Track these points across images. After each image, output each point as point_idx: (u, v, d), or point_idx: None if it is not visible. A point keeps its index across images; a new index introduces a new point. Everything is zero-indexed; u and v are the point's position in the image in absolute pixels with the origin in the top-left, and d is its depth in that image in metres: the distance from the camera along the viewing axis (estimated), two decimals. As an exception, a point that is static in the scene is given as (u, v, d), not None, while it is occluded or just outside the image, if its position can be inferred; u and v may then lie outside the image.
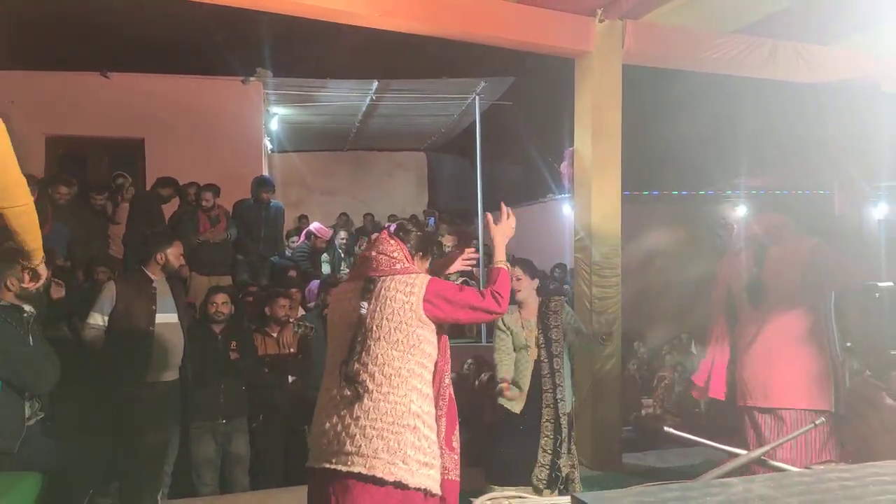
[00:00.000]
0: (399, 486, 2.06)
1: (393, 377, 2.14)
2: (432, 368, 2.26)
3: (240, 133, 8.75)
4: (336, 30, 5.01)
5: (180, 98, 8.48)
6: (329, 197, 12.69)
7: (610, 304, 5.10)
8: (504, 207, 2.67)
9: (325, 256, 8.26)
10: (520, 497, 1.39)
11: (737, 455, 1.50)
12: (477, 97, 9.05)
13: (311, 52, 8.44)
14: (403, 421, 2.10)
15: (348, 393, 2.15)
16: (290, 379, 5.01)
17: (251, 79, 8.86)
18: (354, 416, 2.12)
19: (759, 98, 7.94)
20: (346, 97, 9.35)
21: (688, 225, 9.42)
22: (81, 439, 3.58)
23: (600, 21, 5.08)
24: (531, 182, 11.60)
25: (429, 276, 2.29)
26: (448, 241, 8.96)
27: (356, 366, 2.16)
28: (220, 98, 8.72)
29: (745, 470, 1.62)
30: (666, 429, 2.20)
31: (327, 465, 2.12)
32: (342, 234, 8.78)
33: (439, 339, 2.31)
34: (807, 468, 1.35)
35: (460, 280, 6.39)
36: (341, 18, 4.67)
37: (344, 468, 2.07)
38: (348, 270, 8.26)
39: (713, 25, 5.47)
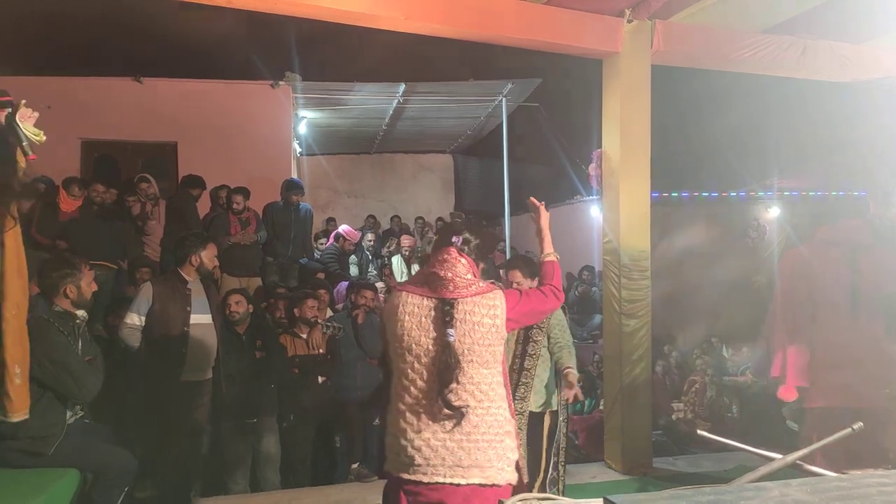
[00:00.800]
0: (508, 485, 2.26)
1: (489, 392, 2.27)
2: None
3: (269, 136, 8.88)
4: (363, 33, 5.05)
5: (212, 102, 8.64)
6: (356, 199, 12.79)
7: (639, 307, 5.05)
8: (535, 201, 2.74)
9: (353, 258, 8.33)
10: (551, 498, 1.40)
11: (772, 459, 1.48)
12: (503, 99, 9.05)
13: (339, 55, 8.54)
14: (503, 429, 2.27)
15: (450, 412, 2.22)
16: (320, 379, 5.07)
17: (281, 83, 8.98)
18: (465, 431, 2.22)
19: (792, 98, 7.81)
20: (373, 100, 9.42)
21: (718, 227, 9.30)
22: (118, 436, 3.66)
23: (629, 22, 5.04)
24: (558, 183, 11.56)
25: (502, 292, 2.35)
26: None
27: (456, 387, 2.23)
28: (250, 102, 8.86)
29: (782, 475, 1.60)
30: (699, 432, 2.19)
31: (441, 480, 2.20)
32: (369, 236, 8.85)
33: None
34: (844, 473, 1.32)
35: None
36: (366, 22, 4.70)
37: (463, 481, 2.20)
38: (378, 272, 8.32)
39: (744, 24, 5.39)
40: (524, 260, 3.97)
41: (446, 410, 2.21)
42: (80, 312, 3.44)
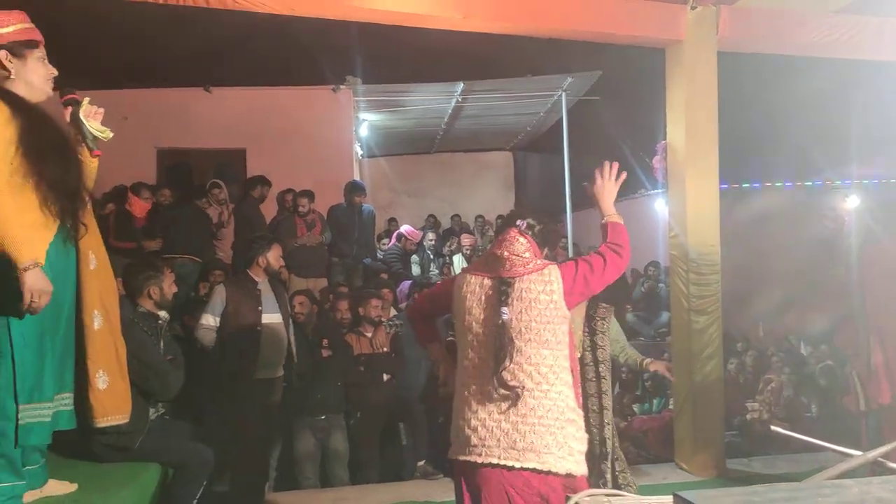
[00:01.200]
0: (569, 476, 2.19)
1: (549, 375, 2.22)
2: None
3: (332, 140, 9.08)
4: (421, 34, 5.09)
5: (277, 109, 8.91)
6: (416, 199, 12.89)
7: (709, 303, 4.90)
8: (607, 165, 2.59)
9: (414, 258, 8.42)
10: (619, 495, 1.38)
11: (851, 456, 1.41)
12: (563, 93, 8.94)
13: (398, 57, 8.63)
14: (565, 416, 2.20)
15: (506, 392, 2.19)
16: (385, 377, 5.15)
17: (341, 87, 9.17)
18: (521, 413, 2.18)
19: (868, 81, 7.38)
20: (432, 100, 9.48)
21: (793, 218, 8.90)
22: (196, 433, 3.81)
23: (692, 8, 4.89)
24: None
25: (556, 266, 2.30)
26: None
27: (511, 367, 2.20)
28: (313, 107, 9.08)
29: (861, 473, 1.53)
30: (773, 428, 2.11)
31: (496, 461, 2.18)
32: (430, 235, 8.92)
33: None
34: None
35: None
36: (425, 23, 4.74)
37: (518, 464, 2.16)
38: (440, 271, 8.37)
39: (813, 6, 5.15)
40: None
41: (501, 391, 2.18)
42: (162, 313, 3.61)
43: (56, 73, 2.34)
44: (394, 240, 8.59)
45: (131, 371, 3.30)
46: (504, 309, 2.21)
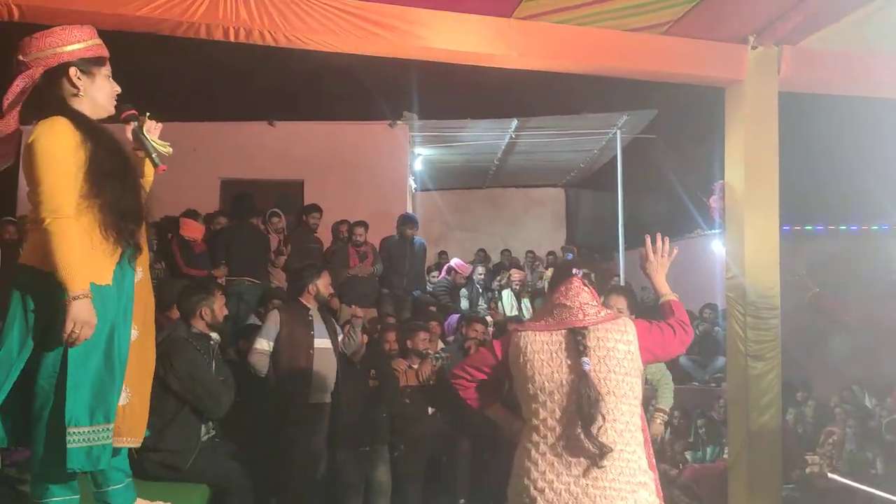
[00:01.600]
0: None
1: (624, 433, 2.12)
2: None
3: (387, 173, 9.27)
4: (476, 71, 5.19)
5: (335, 142, 9.19)
6: (467, 233, 12.96)
7: (767, 348, 4.72)
8: (657, 239, 2.51)
9: (463, 291, 8.43)
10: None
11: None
12: (618, 131, 8.90)
13: (454, 94, 8.79)
14: (637, 479, 2.10)
15: (581, 454, 2.08)
16: (430, 410, 5.12)
17: (398, 122, 9.38)
18: (592, 476, 2.07)
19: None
20: (486, 136, 9.59)
21: (859, 263, 8.55)
22: (245, 456, 3.87)
23: (753, 48, 4.84)
24: (677, 217, 11.10)
25: (630, 319, 2.28)
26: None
27: (594, 426, 2.08)
28: (370, 141, 9.32)
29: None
30: (830, 475, 2.01)
31: None
32: (480, 269, 8.92)
33: None
34: None
35: None
36: (481, 61, 4.83)
37: None
38: (488, 306, 8.34)
39: (886, 47, 5.01)
40: (628, 290, 3.86)
41: (577, 452, 2.06)
42: (214, 335, 3.72)
43: (119, 90, 2.33)
44: (444, 273, 8.62)
45: (185, 388, 3.39)
46: (585, 359, 2.11)
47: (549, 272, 9.59)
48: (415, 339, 5.18)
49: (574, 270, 2.33)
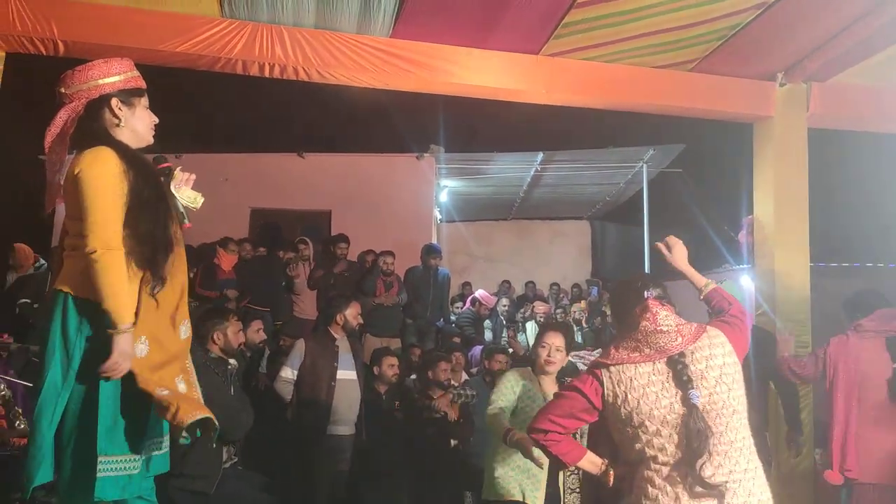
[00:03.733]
0: None
1: (744, 450, 1.99)
2: None
3: (413, 204, 9.36)
4: (504, 105, 5.26)
5: (363, 174, 9.34)
6: (492, 264, 12.95)
7: (799, 386, 4.62)
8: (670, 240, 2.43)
9: (487, 323, 8.39)
10: None
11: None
12: (645, 165, 8.90)
13: (481, 127, 8.91)
14: (766, 495, 1.99)
15: (703, 490, 1.94)
16: (452, 443, 5.08)
17: (425, 155, 9.50)
18: None
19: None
20: (512, 169, 9.65)
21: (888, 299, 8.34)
22: (268, 485, 3.87)
23: (781, 85, 4.85)
24: (704, 251, 10.97)
25: (716, 327, 2.11)
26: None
27: (717, 458, 1.94)
28: (397, 173, 9.45)
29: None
30: None
31: None
32: (504, 301, 8.89)
33: None
34: None
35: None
36: (509, 97, 4.91)
37: None
38: (506, 338, 8.25)
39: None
40: (566, 326, 3.77)
41: (699, 489, 1.90)
42: (232, 361, 3.75)
43: (157, 120, 2.36)
44: (468, 304, 8.61)
45: None
46: (693, 392, 1.95)
47: (582, 304, 9.54)
48: (436, 369, 5.15)
49: (646, 293, 2.12)
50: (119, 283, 2.04)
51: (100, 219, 2.05)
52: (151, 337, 2.17)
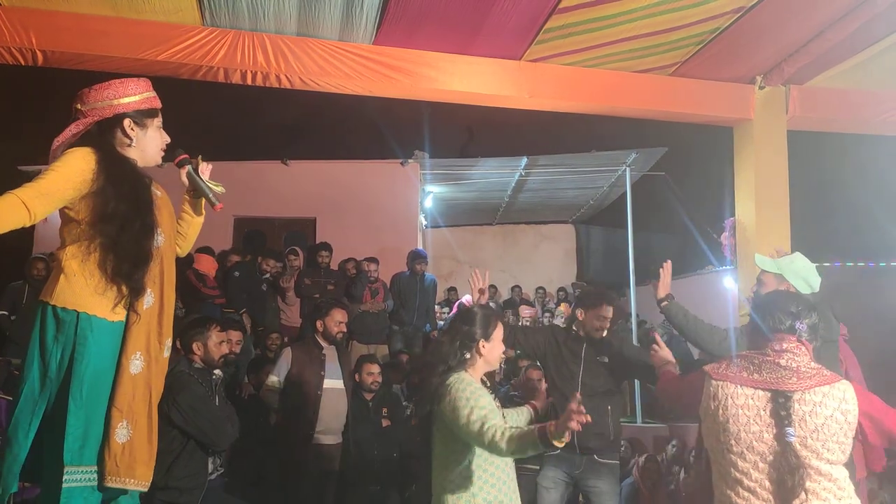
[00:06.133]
0: None
1: (847, 488, 2.02)
2: None
3: (398, 211, 9.35)
4: (487, 111, 5.28)
5: (348, 181, 9.32)
6: (477, 269, 12.95)
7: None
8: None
9: (474, 328, 8.37)
10: None
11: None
12: (628, 168, 8.96)
13: (464, 132, 8.94)
14: None
15: None
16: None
17: (409, 161, 9.50)
18: None
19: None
20: (496, 174, 9.68)
21: (869, 299, 8.47)
22: (256, 496, 3.84)
23: (760, 88, 4.91)
24: (687, 253, 11.09)
25: (850, 384, 2.07)
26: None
27: (804, 495, 1.97)
28: (381, 179, 9.44)
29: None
30: None
31: None
32: (490, 305, 8.88)
33: None
34: None
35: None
36: (493, 102, 4.93)
37: None
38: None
39: (889, 85, 5.07)
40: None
41: None
42: (217, 371, 3.72)
43: (169, 140, 2.37)
44: (454, 309, 8.59)
45: (188, 420, 3.34)
46: (790, 430, 1.97)
47: (563, 308, 9.56)
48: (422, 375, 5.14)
49: (797, 325, 2.11)
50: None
51: (42, 182, 2.04)
52: (145, 351, 2.17)
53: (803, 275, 2.87)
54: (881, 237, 9.00)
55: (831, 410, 1.99)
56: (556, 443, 1.96)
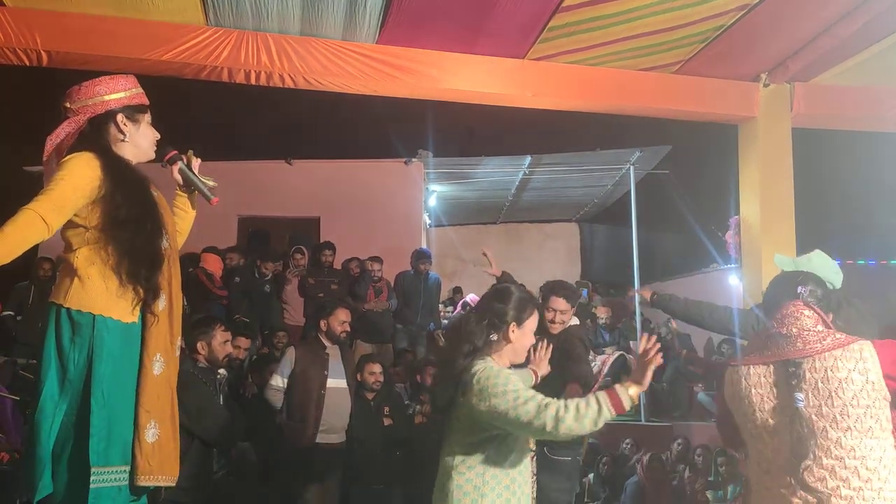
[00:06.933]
0: None
1: (880, 469, 1.87)
2: None
3: (402, 210, 9.37)
4: (491, 110, 5.27)
5: (351, 180, 9.33)
6: (482, 268, 12.95)
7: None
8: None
9: (479, 327, 8.37)
10: None
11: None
12: (632, 167, 8.95)
13: (468, 131, 8.93)
14: None
15: (805, 494, 1.89)
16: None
17: (413, 160, 9.51)
18: None
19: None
20: (500, 173, 9.68)
21: (875, 297, 8.44)
22: (261, 495, 3.84)
23: (765, 86, 4.90)
24: (692, 251, 11.07)
25: (869, 343, 1.94)
26: (601, 313, 8.74)
27: (826, 464, 1.87)
28: (385, 179, 9.45)
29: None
30: None
31: None
32: (495, 304, 8.87)
33: None
34: None
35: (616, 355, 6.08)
36: (496, 101, 4.93)
37: None
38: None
39: (894, 81, 5.05)
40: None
41: (803, 493, 1.86)
42: (221, 371, 3.73)
43: (159, 136, 2.40)
44: (458, 308, 8.61)
45: (192, 419, 3.35)
46: (798, 395, 1.90)
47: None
48: (425, 374, 5.15)
49: (799, 289, 2.06)
50: (14, 240, 1.98)
51: (54, 194, 2.06)
52: (164, 352, 2.21)
53: (823, 272, 2.84)
54: (888, 235, 8.98)
55: (846, 372, 1.88)
56: (626, 405, 1.82)
